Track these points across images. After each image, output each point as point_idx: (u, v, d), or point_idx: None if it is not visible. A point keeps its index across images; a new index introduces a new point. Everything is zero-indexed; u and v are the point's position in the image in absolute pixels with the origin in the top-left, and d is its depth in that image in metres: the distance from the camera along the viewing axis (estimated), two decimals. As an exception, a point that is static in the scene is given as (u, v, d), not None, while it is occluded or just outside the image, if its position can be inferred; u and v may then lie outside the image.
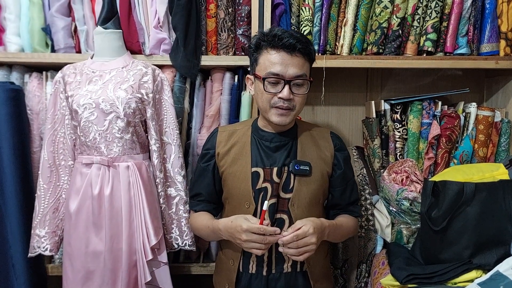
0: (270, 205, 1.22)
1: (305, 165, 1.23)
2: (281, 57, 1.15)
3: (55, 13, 1.57)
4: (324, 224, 1.17)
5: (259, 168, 1.24)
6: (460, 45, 1.62)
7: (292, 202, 1.23)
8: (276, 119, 1.20)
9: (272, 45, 1.16)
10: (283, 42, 1.14)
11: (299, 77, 1.17)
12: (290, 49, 1.15)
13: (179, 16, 1.54)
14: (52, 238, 1.48)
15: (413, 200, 1.47)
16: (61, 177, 1.49)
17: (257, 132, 1.29)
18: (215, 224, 1.22)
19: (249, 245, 1.11)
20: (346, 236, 1.32)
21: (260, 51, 1.19)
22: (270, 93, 1.18)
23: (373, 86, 1.89)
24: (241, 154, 1.27)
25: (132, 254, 1.40)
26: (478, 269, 1.22)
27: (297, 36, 1.16)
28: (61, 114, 1.46)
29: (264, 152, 1.25)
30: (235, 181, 1.26)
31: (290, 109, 1.19)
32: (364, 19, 1.60)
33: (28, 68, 1.67)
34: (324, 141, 1.31)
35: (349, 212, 1.33)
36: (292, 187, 1.23)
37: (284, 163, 1.24)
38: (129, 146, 1.42)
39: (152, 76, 1.46)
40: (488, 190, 1.26)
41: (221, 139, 1.31)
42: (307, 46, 1.17)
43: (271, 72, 1.16)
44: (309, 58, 1.20)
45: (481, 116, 1.62)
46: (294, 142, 1.27)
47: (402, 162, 1.58)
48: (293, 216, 1.22)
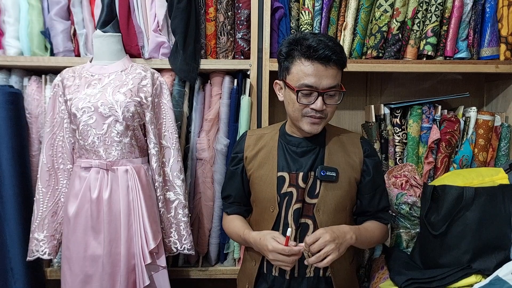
0: (295, 210, 1.22)
1: (332, 171, 1.22)
2: (316, 69, 1.13)
3: (54, 16, 1.57)
4: (343, 229, 1.16)
5: (285, 173, 1.24)
6: (460, 49, 1.62)
7: (318, 207, 1.22)
8: (308, 128, 1.19)
9: (306, 56, 1.13)
10: (319, 54, 1.12)
11: (333, 88, 1.16)
12: (325, 61, 1.12)
13: (178, 20, 1.54)
14: (50, 242, 1.48)
15: (413, 204, 1.47)
16: (60, 180, 1.49)
17: (284, 136, 1.29)
18: (246, 235, 1.24)
19: (276, 263, 1.14)
20: (373, 241, 1.30)
21: (293, 60, 1.16)
22: (303, 104, 1.17)
23: (373, 90, 1.89)
24: (267, 158, 1.27)
25: (130, 258, 1.39)
26: (478, 274, 1.22)
27: (331, 46, 1.13)
28: (60, 117, 1.46)
29: (290, 157, 1.25)
30: (261, 185, 1.26)
31: (322, 118, 1.19)
32: (363, 23, 1.60)
33: (27, 71, 1.67)
34: (353, 146, 1.28)
35: (377, 219, 1.31)
36: (318, 192, 1.22)
37: (310, 169, 1.23)
38: (127, 150, 1.42)
39: (151, 80, 1.46)
40: (488, 195, 1.25)
41: (249, 143, 1.31)
42: (341, 57, 1.16)
43: (305, 84, 1.14)
44: (342, 67, 1.19)
45: (481, 120, 1.62)
46: (321, 147, 1.26)
47: (401, 167, 1.58)
48: (318, 221, 1.21)
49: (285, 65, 1.19)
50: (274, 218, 1.23)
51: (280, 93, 1.25)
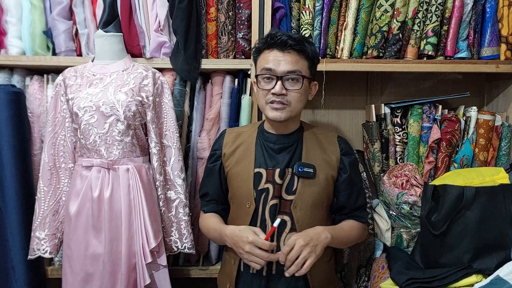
0: (271, 206, 1.22)
1: (309, 167, 1.24)
2: (274, 54, 1.18)
3: (57, 16, 1.57)
4: (317, 230, 1.17)
5: (262, 169, 1.25)
6: (460, 49, 1.62)
7: (295, 204, 1.23)
8: (271, 114, 1.21)
9: (266, 45, 1.20)
10: (275, 40, 1.18)
11: (292, 73, 1.18)
12: (282, 46, 1.17)
13: (179, 20, 1.54)
14: (52, 240, 1.48)
15: (413, 204, 1.47)
16: (61, 179, 1.49)
17: (262, 133, 1.30)
18: (223, 228, 1.24)
19: (249, 257, 1.13)
20: (350, 241, 1.30)
21: (259, 53, 1.24)
22: (264, 90, 1.20)
23: (373, 89, 1.89)
24: (245, 154, 1.28)
25: (131, 257, 1.40)
26: (478, 273, 1.22)
27: (290, 34, 1.19)
28: (61, 117, 1.47)
29: (267, 153, 1.27)
30: (238, 181, 1.27)
31: (284, 104, 1.19)
32: (364, 22, 1.60)
33: (29, 71, 1.67)
34: (330, 145, 1.30)
35: (355, 218, 1.31)
36: (295, 189, 1.24)
37: (287, 165, 1.24)
38: (129, 149, 1.42)
39: (153, 79, 1.47)
40: (488, 194, 1.25)
41: (228, 140, 1.33)
42: (300, 43, 1.18)
43: (264, 68, 1.19)
44: (305, 56, 1.20)
45: (481, 120, 1.62)
46: (299, 145, 1.28)
47: (402, 166, 1.58)
48: (295, 218, 1.22)
49: (254, 61, 1.27)
50: (250, 214, 1.24)
51: None
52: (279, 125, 1.26)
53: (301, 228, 1.20)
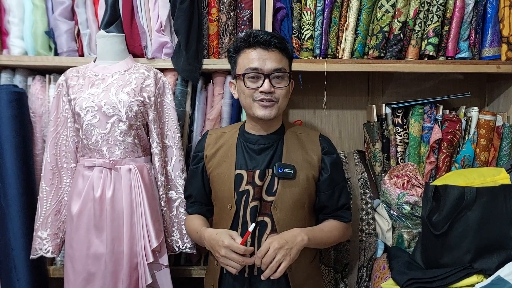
0: (252, 208, 1.22)
1: (289, 168, 1.23)
2: (258, 53, 1.19)
3: (59, 16, 1.58)
4: (293, 233, 1.16)
5: (243, 171, 1.24)
6: (461, 49, 1.62)
7: (275, 205, 1.22)
8: (261, 113, 1.20)
9: (248, 44, 1.20)
10: (258, 39, 1.18)
11: (278, 71, 1.19)
12: (266, 45, 1.18)
13: (181, 20, 1.55)
14: (54, 240, 1.49)
15: (414, 204, 1.47)
16: (63, 179, 1.50)
17: (243, 134, 1.30)
18: (202, 231, 1.24)
19: (225, 261, 1.13)
20: (331, 241, 1.29)
21: (238, 52, 1.23)
22: (251, 89, 1.19)
23: (375, 90, 1.89)
24: (226, 156, 1.28)
25: (133, 256, 1.40)
26: (479, 273, 1.22)
27: (272, 33, 1.21)
28: (63, 117, 1.47)
29: (248, 155, 1.26)
30: (219, 183, 1.27)
31: (273, 101, 1.20)
32: (365, 23, 1.60)
33: (31, 71, 1.68)
34: (311, 144, 1.29)
35: (337, 218, 1.30)
36: (275, 190, 1.23)
37: (267, 166, 1.24)
38: (131, 149, 1.42)
39: (154, 80, 1.47)
40: (490, 195, 1.25)
41: (209, 142, 1.33)
42: (282, 42, 1.21)
43: (250, 68, 1.19)
44: (286, 54, 1.22)
45: (482, 120, 1.62)
46: (279, 145, 1.27)
47: (403, 166, 1.58)
48: (275, 219, 1.22)
49: (234, 60, 1.25)
50: (232, 216, 1.23)
51: (235, 91, 1.28)
52: (264, 124, 1.26)
53: (282, 229, 1.20)
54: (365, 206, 1.56)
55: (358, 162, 1.67)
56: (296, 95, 1.87)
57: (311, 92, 1.84)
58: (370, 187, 1.60)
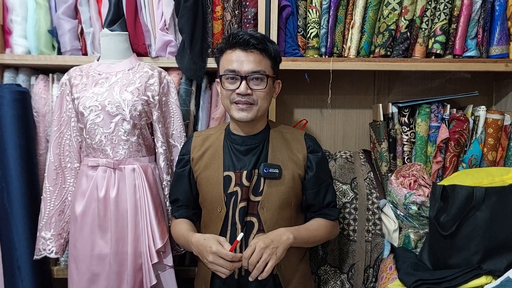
0: (240, 208, 1.22)
1: (275, 168, 1.23)
2: (237, 55, 1.18)
3: (62, 15, 1.57)
4: (278, 232, 1.16)
5: (231, 172, 1.24)
6: (469, 47, 1.60)
7: (262, 205, 1.22)
8: (238, 115, 1.20)
9: (228, 45, 1.19)
10: (237, 39, 1.17)
11: (256, 73, 1.18)
12: (244, 45, 1.17)
13: (185, 18, 1.54)
14: (57, 240, 1.48)
15: (421, 204, 1.45)
16: (67, 179, 1.49)
17: (229, 136, 1.29)
18: (189, 236, 1.23)
19: (213, 266, 1.13)
20: (318, 239, 1.28)
21: (221, 53, 1.23)
22: (228, 90, 1.19)
23: (381, 89, 1.88)
24: (213, 158, 1.27)
25: (137, 257, 1.39)
26: (488, 274, 1.21)
27: (252, 33, 1.19)
28: (67, 116, 1.46)
29: (235, 156, 1.26)
30: (208, 185, 1.26)
31: (251, 103, 1.19)
32: (371, 21, 1.59)
33: (34, 70, 1.67)
34: (297, 143, 1.29)
35: (323, 216, 1.30)
36: (261, 190, 1.23)
37: (254, 166, 1.24)
38: (135, 148, 1.41)
39: (158, 79, 1.46)
40: (498, 195, 1.24)
41: (195, 144, 1.32)
42: (262, 42, 1.19)
43: (228, 69, 1.19)
44: (268, 55, 1.20)
45: (490, 119, 1.60)
46: (265, 145, 1.27)
47: (410, 166, 1.57)
48: (262, 219, 1.22)
49: (217, 61, 1.26)
50: (222, 218, 1.23)
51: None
52: (245, 126, 1.25)
53: (269, 229, 1.20)
54: (371, 206, 1.55)
55: (364, 162, 1.66)
56: (301, 94, 1.85)
57: (316, 91, 1.83)
58: (376, 187, 1.59)
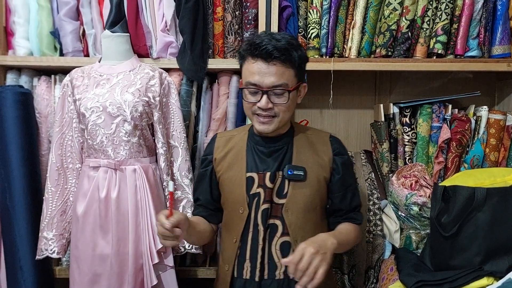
0: (263, 210, 1.21)
1: (300, 170, 1.21)
2: (258, 66, 1.13)
3: (64, 17, 1.58)
4: (321, 237, 1.12)
5: (254, 173, 1.23)
6: (471, 47, 1.60)
7: (286, 208, 1.21)
8: (259, 127, 1.19)
9: (250, 53, 1.14)
10: (259, 51, 1.12)
11: (277, 87, 1.14)
12: (267, 58, 1.12)
13: (186, 20, 1.54)
14: (59, 240, 1.49)
15: (423, 205, 1.45)
16: (69, 180, 1.50)
17: (252, 137, 1.28)
18: None
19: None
20: (350, 244, 1.27)
21: (243, 60, 1.19)
22: (249, 103, 1.17)
23: (382, 89, 1.87)
24: (236, 159, 1.26)
25: (138, 257, 1.40)
26: (490, 276, 1.20)
27: (276, 44, 1.11)
28: (69, 117, 1.47)
29: (258, 157, 1.25)
30: (230, 186, 1.25)
31: (272, 116, 1.17)
32: (372, 21, 1.58)
33: (36, 71, 1.68)
34: (322, 145, 1.27)
35: (350, 220, 1.29)
36: (286, 192, 1.21)
37: (278, 168, 1.22)
38: (136, 149, 1.42)
39: (159, 80, 1.46)
40: (500, 196, 1.23)
41: (218, 145, 1.31)
42: (285, 53, 1.12)
43: (249, 82, 1.15)
44: (292, 65, 1.15)
45: (492, 119, 1.59)
46: (289, 147, 1.25)
47: (411, 167, 1.56)
48: (286, 222, 1.20)
49: (240, 65, 1.21)
50: (244, 219, 1.22)
51: None
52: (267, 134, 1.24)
53: (294, 232, 1.19)
54: (372, 207, 1.55)
55: (365, 162, 1.65)
56: (302, 95, 1.85)
57: (317, 91, 1.82)
58: (377, 188, 1.58)
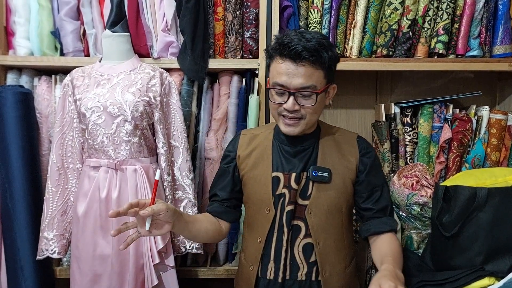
0: (288, 212, 1.19)
1: (324, 171, 1.18)
2: (287, 67, 1.09)
3: (64, 16, 1.58)
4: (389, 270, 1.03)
5: (279, 173, 1.20)
6: (472, 47, 1.59)
7: (309, 209, 1.18)
8: (285, 129, 1.16)
9: (279, 53, 1.10)
10: (288, 51, 1.07)
11: (305, 89, 1.10)
12: (296, 58, 1.08)
13: (187, 19, 1.54)
14: (60, 241, 1.49)
15: (424, 205, 1.44)
16: (69, 180, 1.50)
17: (278, 136, 1.24)
18: None
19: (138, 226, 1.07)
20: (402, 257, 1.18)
21: (271, 58, 1.15)
22: (276, 103, 1.14)
23: (383, 89, 1.87)
24: (262, 158, 1.23)
25: (139, 257, 1.39)
26: (491, 276, 1.20)
27: (306, 44, 1.07)
28: (69, 117, 1.47)
29: (284, 157, 1.21)
30: (255, 185, 1.22)
31: (298, 118, 1.14)
32: (373, 21, 1.58)
33: (37, 71, 1.68)
34: (349, 145, 1.24)
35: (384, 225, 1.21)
36: (310, 193, 1.19)
37: (303, 169, 1.19)
38: (136, 149, 1.42)
39: (160, 80, 1.46)
40: (501, 195, 1.23)
41: (242, 142, 1.28)
42: (315, 54, 1.08)
43: (276, 83, 1.12)
44: (321, 66, 1.10)
45: (493, 119, 1.59)
46: (315, 147, 1.21)
47: (412, 166, 1.56)
48: (309, 224, 1.18)
49: (267, 63, 1.18)
50: (270, 220, 1.19)
51: None
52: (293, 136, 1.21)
53: (316, 234, 1.17)
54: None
55: (366, 162, 1.65)
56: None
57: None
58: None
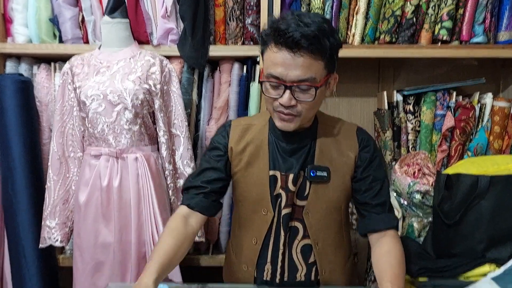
0: (285, 214, 1.13)
1: (323, 170, 1.10)
2: (283, 57, 0.96)
3: (63, 3, 1.55)
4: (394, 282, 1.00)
5: (276, 172, 1.11)
6: (476, 33, 1.57)
7: (307, 210, 1.12)
8: (279, 124, 1.05)
9: (275, 40, 0.97)
10: (285, 38, 0.94)
11: (303, 81, 0.97)
12: (294, 47, 0.94)
13: (186, 6, 1.52)
14: (62, 229, 1.49)
15: (425, 193, 1.45)
16: (71, 168, 1.50)
17: (274, 130, 1.13)
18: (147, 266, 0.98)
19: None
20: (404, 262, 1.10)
21: (266, 44, 1.01)
22: (271, 97, 1.02)
23: (385, 76, 1.85)
24: (258, 154, 1.13)
25: (141, 246, 1.40)
26: (492, 263, 1.20)
27: (304, 30, 0.94)
28: (69, 105, 1.46)
29: (280, 155, 1.12)
30: (250, 184, 1.14)
31: (294, 115, 1.03)
32: (377, 6, 1.56)
33: (36, 59, 1.67)
34: (348, 139, 1.14)
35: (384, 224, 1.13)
36: (307, 194, 1.12)
37: (301, 168, 1.11)
38: (137, 137, 1.41)
39: (160, 67, 1.45)
40: (503, 183, 1.23)
41: (234, 134, 1.16)
42: (315, 42, 0.95)
43: (271, 74, 0.99)
44: (321, 55, 0.97)
45: (497, 107, 1.58)
46: (312, 144, 1.12)
47: (414, 155, 1.55)
48: (307, 225, 1.12)
49: (261, 50, 1.04)
50: (268, 221, 1.12)
51: None
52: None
53: (315, 235, 1.12)
54: (375, 195, 1.54)
55: (368, 150, 1.64)
56: (304, 82, 1.83)
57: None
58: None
